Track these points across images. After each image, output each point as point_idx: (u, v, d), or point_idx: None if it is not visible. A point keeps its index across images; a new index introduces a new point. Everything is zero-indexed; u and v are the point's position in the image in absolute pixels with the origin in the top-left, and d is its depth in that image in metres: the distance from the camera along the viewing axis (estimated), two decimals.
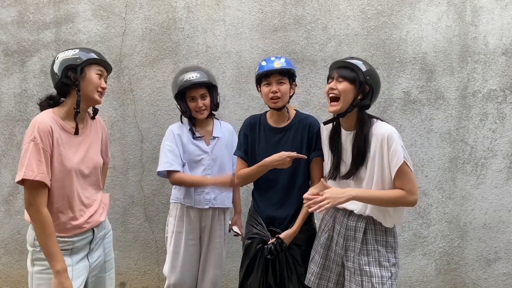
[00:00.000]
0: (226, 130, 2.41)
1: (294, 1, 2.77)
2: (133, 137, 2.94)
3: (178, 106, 2.31)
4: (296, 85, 2.12)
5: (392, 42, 2.74)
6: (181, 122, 2.37)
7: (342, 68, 1.78)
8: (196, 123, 2.36)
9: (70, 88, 1.75)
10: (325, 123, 1.87)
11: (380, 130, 1.75)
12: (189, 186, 2.29)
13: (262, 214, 2.10)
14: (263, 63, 2.05)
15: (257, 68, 2.07)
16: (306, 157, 2.01)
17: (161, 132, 2.91)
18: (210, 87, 2.32)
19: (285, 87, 2.02)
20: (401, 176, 1.71)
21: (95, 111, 1.91)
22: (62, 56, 1.76)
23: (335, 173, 1.87)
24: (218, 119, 2.45)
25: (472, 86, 2.74)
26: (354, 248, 1.81)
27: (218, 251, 2.37)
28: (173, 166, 2.24)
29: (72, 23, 2.90)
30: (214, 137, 2.34)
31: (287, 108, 2.07)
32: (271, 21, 2.80)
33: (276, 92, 1.99)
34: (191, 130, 2.32)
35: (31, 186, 1.63)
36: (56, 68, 1.75)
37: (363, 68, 1.75)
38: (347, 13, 2.74)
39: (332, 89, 1.77)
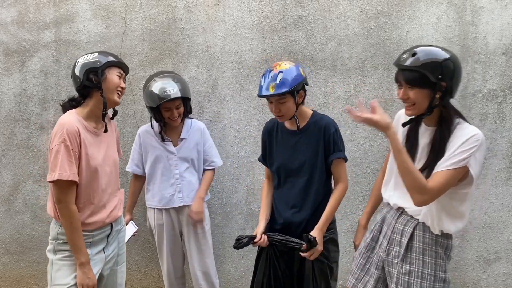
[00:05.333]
0: (196, 130, 2.54)
1: (294, 1, 2.77)
2: (133, 137, 2.93)
3: (152, 115, 2.42)
4: (305, 91, 2.02)
5: (392, 42, 2.74)
6: (151, 126, 2.49)
7: (407, 72, 1.56)
8: (167, 126, 2.49)
9: (92, 90, 1.85)
10: (404, 124, 1.68)
11: (466, 130, 1.54)
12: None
13: (279, 218, 2.08)
14: (262, 81, 1.93)
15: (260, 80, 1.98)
16: None
17: None
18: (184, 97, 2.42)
19: (287, 105, 1.93)
20: (441, 175, 1.50)
21: (115, 112, 2.04)
22: (83, 60, 1.86)
23: None
24: (190, 119, 2.57)
25: (472, 86, 2.73)
26: (398, 254, 1.67)
27: (202, 241, 2.51)
28: (131, 168, 2.59)
29: (72, 23, 2.90)
30: (182, 139, 2.48)
31: (296, 117, 2.00)
32: (271, 21, 2.79)
33: (278, 111, 1.95)
34: (160, 133, 2.44)
35: (63, 185, 1.76)
36: (77, 72, 1.85)
37: (433, 68, 1.51)
38: (347, 13, 2.74)
39: (404, 99, 1.61)
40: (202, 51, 2.85)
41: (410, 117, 1.64)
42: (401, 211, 1.72)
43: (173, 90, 2.31)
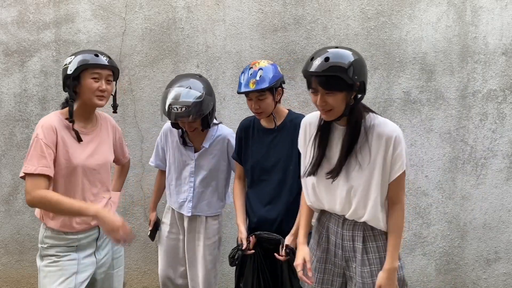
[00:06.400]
0: (220, 140, 2.30)
1: (294, 1, 2.77)
2: (133, 137, 2.94)
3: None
4: (283, 89, 2.07)
5: (392, 42, 2.74)
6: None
7: (323, 77, 1.52)
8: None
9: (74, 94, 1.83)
10: (320, 129, 1.68)
11: (386, 129, 1.57)
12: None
13: (254, 215, 2.11)
14: (241, 78, 1.99)
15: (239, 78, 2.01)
16: None
17: None
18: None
19: (266, 101, 1.98)
20: (400, 182, 1.61)
21: (115, 107, 1.99)
22: (64, 66, 1.83)
23: (314, 169, 1.68)
24: (218, 124, 2.33)
25: (472, 86, 2.74)
26: (355, 259, 1.68)
27: (202, 253, 2.34)
28: (153, 162, 2.48)
29: (72, 23, 2.90)
30: (203, 147, 2.28)
31: (273, 114, 2.05)
32: (271, 21, 2.80)
33: (258, 108, 1.99)
34: (182, 137, 2.29)
35: (32, 179, 1.67)
36: (62, 78, 1.84)
37: (347, 70, 1.49)
38: (347, 13, 2.74)
39: (322, 105, 1.56)
40: (202, 51, 2.85)
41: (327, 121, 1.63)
42: (343, 217, 1.71)
43: (182, 108, 2.03)
